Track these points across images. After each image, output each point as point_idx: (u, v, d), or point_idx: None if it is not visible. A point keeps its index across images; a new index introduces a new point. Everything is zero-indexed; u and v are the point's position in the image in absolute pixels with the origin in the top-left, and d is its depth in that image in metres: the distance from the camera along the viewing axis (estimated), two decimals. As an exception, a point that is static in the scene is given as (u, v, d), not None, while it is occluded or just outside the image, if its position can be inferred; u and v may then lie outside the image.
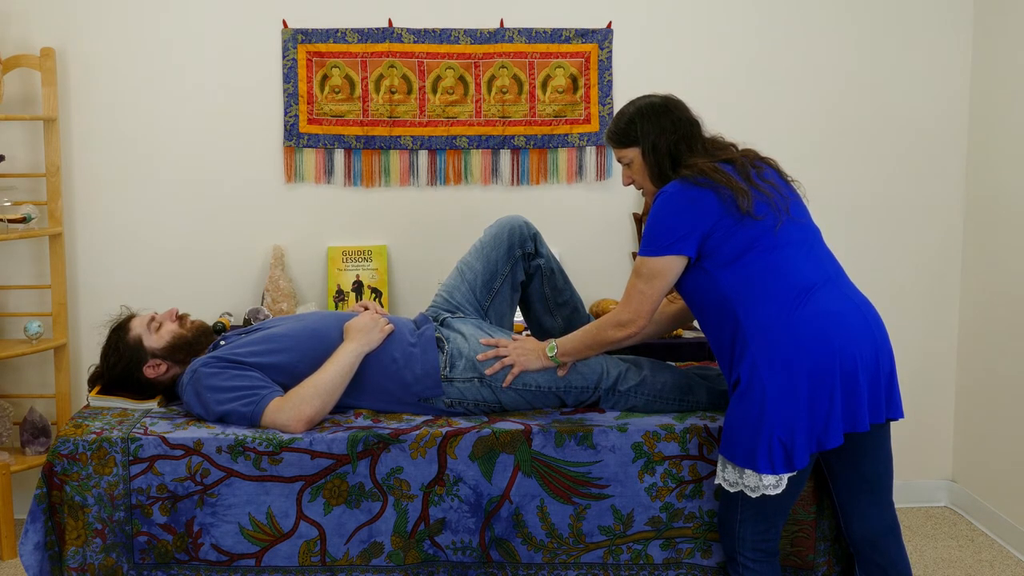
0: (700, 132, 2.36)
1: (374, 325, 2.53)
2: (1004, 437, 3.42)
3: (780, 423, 2.12)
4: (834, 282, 2.22)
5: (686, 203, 2.21)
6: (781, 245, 2.20)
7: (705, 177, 2.21)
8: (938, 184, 3.67)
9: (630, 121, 2.35)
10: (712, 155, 2.29)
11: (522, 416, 2.47)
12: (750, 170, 2.27)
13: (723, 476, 2.23)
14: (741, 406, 2.17)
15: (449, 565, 2.37)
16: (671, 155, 2.31)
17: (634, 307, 2.28)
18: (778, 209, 2.22)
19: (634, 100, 2.41)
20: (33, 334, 3.34)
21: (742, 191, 2.19)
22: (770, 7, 3.58)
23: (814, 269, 2.22)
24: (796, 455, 2.13)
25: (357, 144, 3.53)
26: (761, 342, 2.14)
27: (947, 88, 3.63)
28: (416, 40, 3.51)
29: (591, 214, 3.62)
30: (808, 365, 2.11)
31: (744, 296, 2.18)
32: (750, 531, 2.24)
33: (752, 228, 2.19)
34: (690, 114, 2.36)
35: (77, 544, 2.30)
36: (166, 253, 3.54)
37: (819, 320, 2.14)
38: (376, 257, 3.55)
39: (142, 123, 3.49)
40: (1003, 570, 3.22)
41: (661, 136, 2.31)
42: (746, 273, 2.18)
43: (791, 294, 2.16)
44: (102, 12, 3.45)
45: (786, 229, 2.22)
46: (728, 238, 2.19)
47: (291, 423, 2.35)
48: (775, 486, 2.15)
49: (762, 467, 2.13)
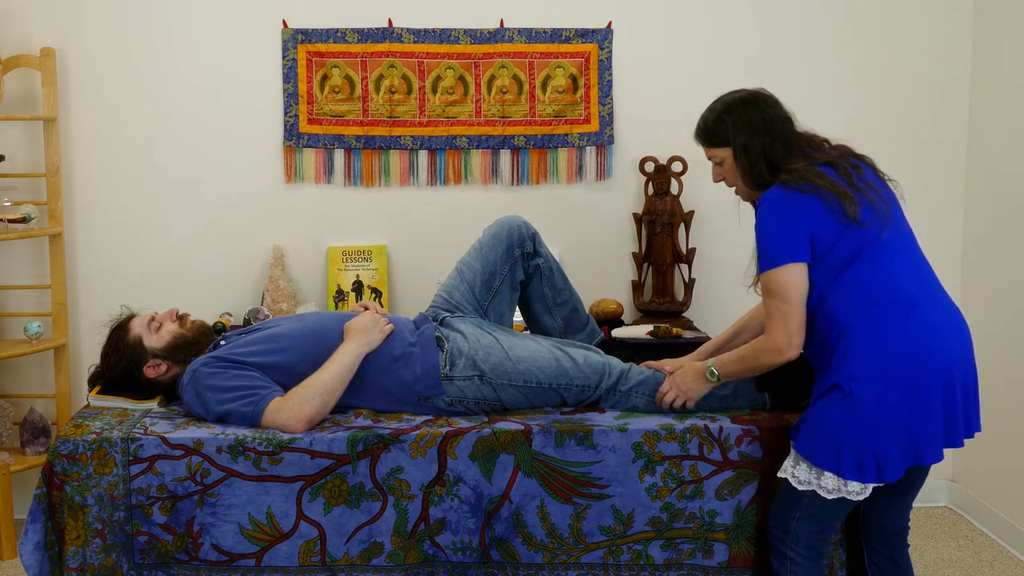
0: (794, 130, 2.27)
1: (374, 325, 2.53)
2: (1004, 437, 3.42)
3: (876, 436, 2.08)
4: (934, 295, 2.18)
5: (790, 209, 2.14)
6: (886, 254, 2.14)
7: (808, 182, 2.13)
8: (938, 184, 3.67)
9: (718, 119, 2.27)
10: (810, 157, 2.20)
11: (522, 416, 2.47)
12: (851, 172, 2.19)
13: (793, 472, 2.19)
14: (836, 411, 2.12)
15: (449, 565, 2.37)
16: (766, 158, 2.22)
17: (782, 328, 2.15)
18: (882, 215, 2.15)
19: (722, 96, 2.32)
20: (33, 334, 3.34)
21: (848, 197, 2.12)
22: (770, 7, 3.58)
23: (916, 280, 2.16)
24: (889, 468, 2.10)
25: (357, 144, 3.53)
26: (864, 354, 2.10)
27: (947, 88, 3.63)
28: (416, 40, 3.50)
29: (591, 214, 3.62)
30: (911, 380, 2.08)
31: (849, 305, 2.12)
32: (806, 529, 2.21)
33: (858, 235, 2.13)
34: (783, 110, 2.28)
35: (77, 544, 2.30)
36: (166, 253, 3.54)
37: (923, 336, 2.10)
38: (376, 257, 3.55)
39: (142, 123, 3.49)
40: (1003, 570, 3.22)
41: (753, 137, 2.22)
42: (852, 282, 2.13)
43: (896, 306, 2.11)
44: (102, 12, 3.45)
45: (891, 236, 2.15)
46: (834, 245, 2.13)
47: (291, 423, 2.35)
48: (859, 492, 2.13)
49: (848, 474, 2.10)
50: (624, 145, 3.59)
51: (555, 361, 2.53)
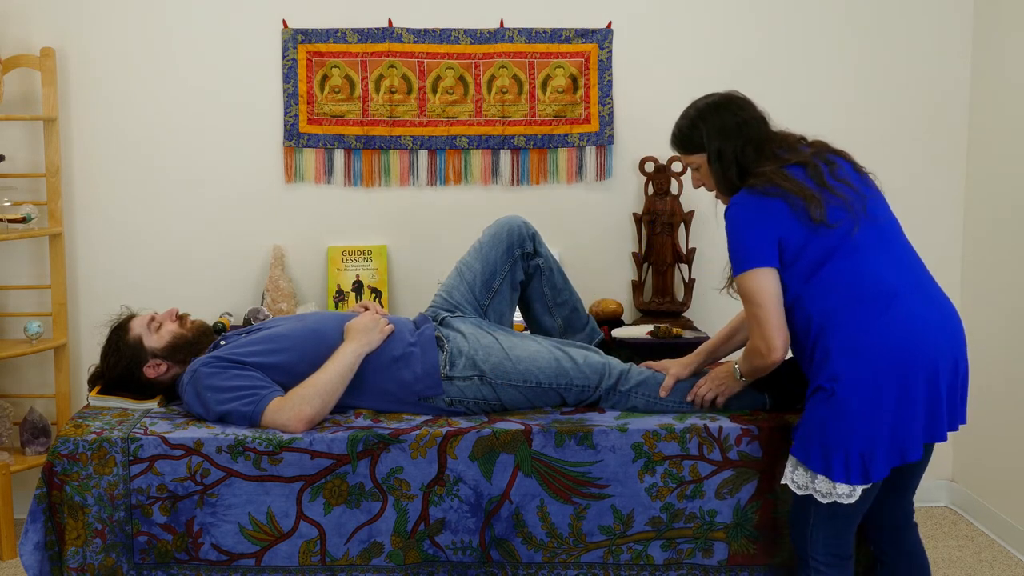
0: (768, 131, 2.26)
1: (374, 325, 2.53)
2: (1004, 437, 3.42)
3: (862, 435, 2.08)
4: (916, 285, 2.15)
5: (755, 214, 2.14)
6: (860, 250, 2.12)
7: (774, 186, 2.12)
8: (938, 184, 3.67)
9: (692, 125, 2.26)
10: (781, 159, 2.19)
11: (522, 416, 2.47)
12: (823, 170, 2.17)
13: (792, 478, 2.19)
14: (821, 413, 2.12)
15: (449, 565, 2.37)
16: (737, 162, 2.22)
17: (758, 332, 2.16)
18: (855, 211, 2.13)
19: (695, 101, 2.31)
20: (33, 334, 3.34)
21: (814, 199, 2.11)
22: (770, 7, 3.58)
23: (895, 272, 2.14)
24: (874, 468, 2.09)
25: (357, 144, 3.53)
26: (845, 353, 2.09)
27: (947, 88, 3.63)
28: (416, 40, 3.51)
29: (591, 214, 3.62)
30: (894, 378, 2.06)
31: (825, 306, 2.11)
32: (823, 534, 2.19)
33: (828, 236, 2.12)
34: (756, 111, 2.27)
35: (77, 544, 2.30)
36: (166, 253, 3.54)
37: (904, 329, 2.08)
38: (376, 257, 3.55)
39: (142, 123, 3.50)
40: (1003, 570, 3.22)
41: (726, 142, 2.22)
42: (826, 283, 2.12)
43: (874, 302, 2.09)
44: (102, 12, 3.45)
45: (864, 232, 2.13)
46: (804, 248, 2.12)
47: (291, 423, 2.35)
48: (848, 495, 2.11)
49: (837, 475, 2.10)
50: (624, 145, 3.59)
51: (555, 361, 2.53)
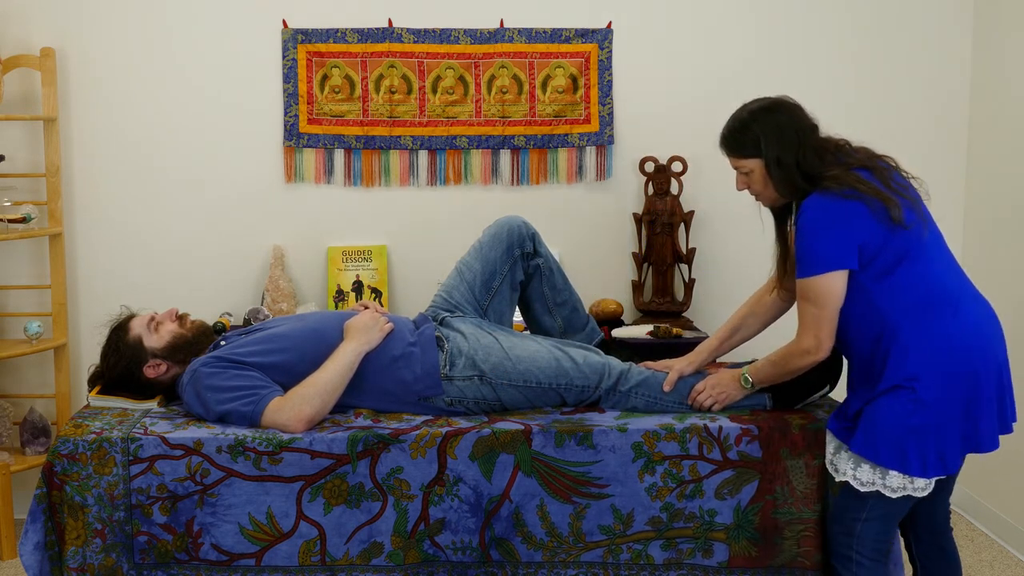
0: (819, 136, 2.27)
1: (374, 324, 2.53)
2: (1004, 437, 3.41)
3: (939, 430, 2.12)
4: (971, 290, 2.23)
5: (838, 216, 2.14)
6: (927, 253, 2.18)
7: (851, 188, 2.14)
8: (938, 184, 3.64)
9: (745, 128, 2.25)
10: (843, 163, 2.21)
11: (522, 416, 2.47)
12: (885, 174, 2.20)
13: (854, 475, 2.19)
14: (897, 411, 2.14)
15: (449, 565, 2.37)
16: (799, 167, 2.21)
17: (813, 333, 2.20)
18: (921, 215, 2.19)
19: (747, 104, 2.29)
20: (33, 334, 3.34)
21: (891, 200, 2.14)
22: (770, 7, 3.58)
23: (953, 276, 2.21)
24: (950, 459, 2.14)
25: (357, 144, 3.53)
26: (923, 353, 2.12)
27: (947, 88, 3.63)
28: (416, 40, 3.51)
29: (591, 214, 3.62)
30: (971, 375, 2.12)
31: (898, 307, 2.15)
32: (872, 531, 2.22)
33: (902, 238, 2.15)
34: (809, 118, 2.27)
35: (77, 544, 2.30)
36: (166, 253, 3.54)
37: (973, 331, 2.15)
38: (376, 257, 3.55)
39: (142, 123, 3.50)
40: (1003, 570, 3.22)
41: (786, 149, 2.21)
42: (899, 284, 2.15)
43: (944, 305, 2.15)
44: (102, 12, 3.45)
45: (930, 237, 2.20)
46: (881, 250, 2.15)
47: (291, 423, 2.35)
48: (924, 488, 2.15)
49: (914, 470, 2.13)
50: (624, 145, 3.59)
51: (555, 361, 2.53)
